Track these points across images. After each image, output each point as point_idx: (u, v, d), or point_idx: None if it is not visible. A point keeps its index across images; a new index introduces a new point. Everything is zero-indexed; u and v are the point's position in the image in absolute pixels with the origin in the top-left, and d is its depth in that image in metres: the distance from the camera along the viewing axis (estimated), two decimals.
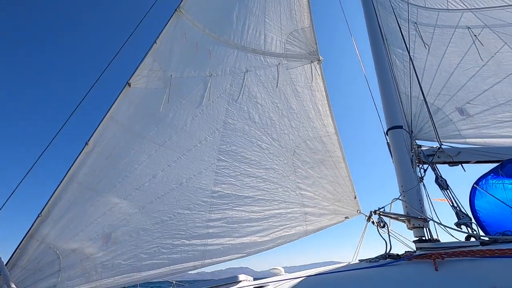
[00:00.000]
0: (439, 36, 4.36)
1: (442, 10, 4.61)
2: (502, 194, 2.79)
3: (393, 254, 1.98)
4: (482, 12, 4.56)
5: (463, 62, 4.14)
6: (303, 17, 5.22)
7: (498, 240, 2.02)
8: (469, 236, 2.41)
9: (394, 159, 2.92)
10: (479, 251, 1.50)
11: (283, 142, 4.38)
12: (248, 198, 3.85)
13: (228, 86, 4.34)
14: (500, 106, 3.81)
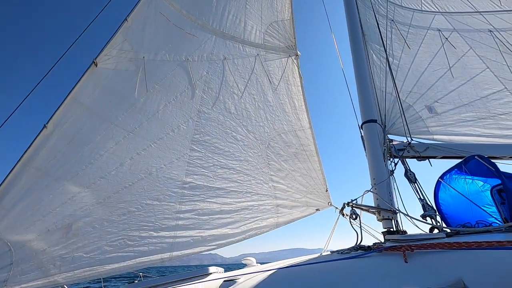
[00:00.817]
0: (413, 35, 4.51)
1: (416, 11, 4.77)
2: (464, 188, 2.94)
3: (364, 246, 2.01)
4: (452, 16, 4.78)
5: (433, 62, 4.32)
6: (284, 8, 5.15)
7: (460, 232, 2.11)
8: (433, 228, 2.52)
9: (367, 152, 2.98)
10: (446, 244, 1.55)
11: (258, 134, 4.33)
12: (221, 190, 3.77)
13: (204, 73, 4.18)
14: (464, 106, 4.03)
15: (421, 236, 1.90)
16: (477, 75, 4.35)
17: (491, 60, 4.48)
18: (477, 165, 2.64)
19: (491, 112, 4.02)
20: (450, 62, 4.35)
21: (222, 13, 4.48)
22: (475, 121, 3.87)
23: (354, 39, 3.64)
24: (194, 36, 4.20)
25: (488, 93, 4.21)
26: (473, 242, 1.48)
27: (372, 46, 3.93)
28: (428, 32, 4.61)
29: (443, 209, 3.12)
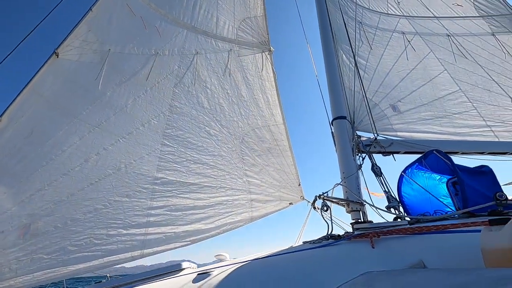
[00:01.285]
0: (379, 37, 4.74)
1: (383, 14, 5.01)
2: (423, 181, 3.18)
3: (335, 235, 2.10)
4: (415, 20, 5.09)
5: (397, 64, 4.58)
6: (257, 5, 5.16)
7: (420, 220, 2.29)
8: (397, 218, 2.70)
9: (337, 148, 3.10)
10: (409, 229, 1.69)
11: (232, 129, 4.32)
12: (194, 185, 3.71)
13: (176, 67, 4.07)
14: (423, 105, 4.33)
15: (387, 223, 2.03)
16: (436, 77, 4.69)
17: (448, 62, 4.84)
18: (435, 159, 2.86)
19: (447, 112, 4.36)
20: (412, 64, 4.64)
21: (193, 8, 4.38)
22: (433, 120, 4.17)
23: (325, 39, 3.76)
24: (164, 30, 4.06)
25: (445, 93, 4.55)
26: (432, 226, 1.62)
27: (342, 46, 4.08)
28: (393, 35, 4.88)
29: (405, 200, 3.34)
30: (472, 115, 4.45)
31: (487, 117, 4.41)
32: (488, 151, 3.58)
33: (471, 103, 4.52)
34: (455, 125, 4.33)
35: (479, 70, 4.73)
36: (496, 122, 4.39)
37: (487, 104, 4.47)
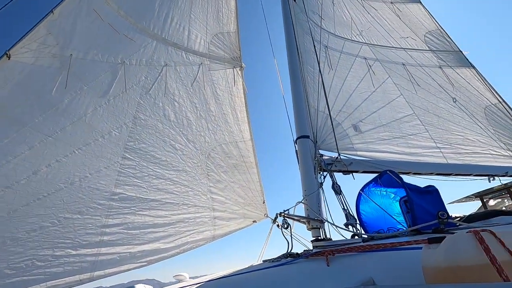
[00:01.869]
0: (343, 61, 5.04)
1: (347, 40, 5.37)
2: (379, 199, 3.35)
3: (293, 253, 2.12)
4: (375, 48, 5.51)
5: (359, 86, 4.88)
6: (230, 21, 5.27)
7: (374, 237, 2.39)
8: (354, 235, 2.79)
9: (300, 166, 3.18)
10: (361, 247, 1.76)
11: (199, 144, 4.25)
12: (155, 202, 3.56)
13: (142, 78, 3.97)
14: (382, 126, 4.62)
15: (342, 241, 2.10)
16: (393, 100, 5.06)
17: (404, 88, 5.26)
18: (389, 179, 3.05)
19: (403, 133, 4.69)
20: (373, 87, 4.98)
21: (164, 19, 4.36)
22: (391, 140, 4.46)
23: (292, 60, 3.92)
24: (132, 39, 3.97)
25: (401, 116, 4.92)
26: (382, 244, 1.71)
27: (307, 68, 4.28)
28: (356, 59, 5.22)
29: (363, 218, 3.48)
30: (425, 137, 4.83)
31: (437, 140, 4.81)
32: (436, 172, 3.88)
33: (424, 126, 4.92)
34: (410, 146, 4.67)
35: (430, 97, 5.20)
36: (445, 144, 4.80)
37: (437, 127, 4.89)
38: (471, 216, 3.48)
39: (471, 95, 5.58)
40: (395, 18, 6.56)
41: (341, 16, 5.94)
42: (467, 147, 4.84)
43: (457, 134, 4.95)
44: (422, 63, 5.67)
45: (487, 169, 4.48)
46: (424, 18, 6.73)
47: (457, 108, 5.25)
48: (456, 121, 5.07)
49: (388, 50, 5.60)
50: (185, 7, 4.65)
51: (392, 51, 5.62)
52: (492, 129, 5.22)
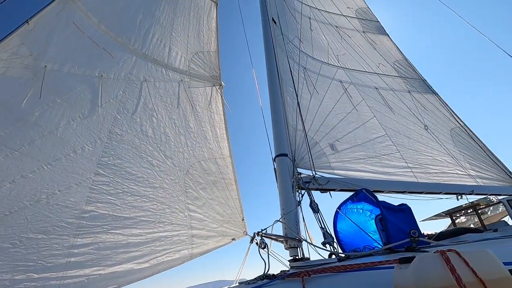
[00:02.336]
0: (321, 83, 5.26)
1: (324, 63, 5.63)
2: (355, 217, 3.42)
3: (270, 274, 2.10)
4: (350, 72, 5.82)
5: (336, 107, 5.09)
6: (210, 41, 5.37)
7: (350, 256, 2.42)
8: (331, 253, 2.81)
9: (278, 184, 3.20)
10: (336, 267, 1.78)
11: (177, 160, 4.18)
12: (129, 220, 3.42)
13: (120, 92, 3.90)
14: (357, 146, 4.80)
15: (318, 261, 2.11)
16: (367, 121, 5.30)
17: (377, 110, 5.54)
18: (364, 197, 3.14)
19: (377, 153, 4.89)
20: (348, 108, 5.20)
21: (145, 35, 4.37)
22: (366, 159, 4.64)
23: (271, 80, 4.03)
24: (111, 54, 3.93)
25: (375, 136, 5.14)
26: (356, 264, 1.74)
27: (287, 88, 4.42)
28: (333, 82, 5.47)
29: (340, 236, 3.53)
30: (397, 157, 5.06)
31: (408, 160, 5.05)
32: (408, 191, 4.05)
33: (396, 147, 5.16)
34: (383, 165, 4.86)
35: (401, 120, 5.50)
36: (415, 164, 5.05)
37: (407, 148, 5.16)
38: (442, 234, 3.63)
39: (438, 118, 5.98)
40: (368, 46, 7.01)
41: (319, 41, 6.26)
42: (436, 167, 5.12)
43: (426, 155, 5.23)
44: (393, 88, 6.04)
45: (455, 188, 4.75)
46: (392, 48, 7.25)
47: (425, 130, 5.59)
48: (425, 142, 5.38)
49: (362, 74, 5.93)
50: (166, 24, 4.70)
51: (365, 76, 5.95)
52: (457, 150, 5.58)
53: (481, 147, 5.71)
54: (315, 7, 7.21)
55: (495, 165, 5.58)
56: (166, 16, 4.72)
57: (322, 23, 6.90)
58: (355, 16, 7.84)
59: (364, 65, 6.06)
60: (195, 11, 5.17)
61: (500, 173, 5.51)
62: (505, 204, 3.74)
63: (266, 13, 4.89)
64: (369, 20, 8.00)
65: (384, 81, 5.93)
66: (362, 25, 7.70)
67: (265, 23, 4.81)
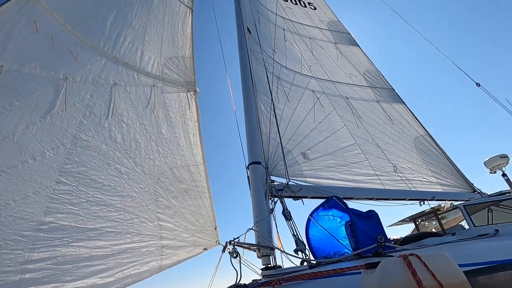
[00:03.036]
0: (294, 92, 5.39)
1: (297, 73, 5.78)
2: (327, 224, 3.49)
3: (241, 284, 2.07)
4: (322, 82, 6.02)
5: (308, 116, 5.22)
6: (185, 46, 5.31)
7: (321, 263, 2.46)
8: (303, 261, 2.84)
9: (251, 192, 3.20)
10: (307, 274, 1.80)
11: (147, 167, 4.04)
12: (93, 231, 3.23)
13: (87, 96, 3.72)
14: (328, 154, 4.94)
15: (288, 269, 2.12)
16: (338, 130, 5.49)
17: (347, 120, 5.76)
18: (335, 204, 3.22)
19: (346, 161, 5.07)
20: (320, 118, 5.36)
21: (116, 38, 4.23)
22: (336, 168, 4.78)
23: (246, 88, 4.06)
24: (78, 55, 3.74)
25: (345, 145, 5.33)
26: (326, 271, 1.77)
27: (261, 96, 4.47)
28: (305, 91, 5.62)
29: (312, 243, 3.58)
30: (365, 165, 5.27)
31: (375, 168, 5.28)
32: (376, 197, 4.23)
33: (364, 155, 5.38)
34: (353, 173, 5.04)
35: (369, 128, 5.77)
36: (382, 172, 5.29)
37: (375, 156, 5.40)
38: (406, 239, 3.81)
39: (404, 127, 6.33)
40: (340, 56, 7.31)
41: (292, 51, 6.43)
42: (401, 174, 5.40)
43: (393, 163, 5.51)
44: (362, 97, 6.34)
45: (418, 194, 5.03)
46: (363, 59, 7.63)
47: (392, 139, 5.90)
48: (391, 150, 5.67)
49: (333, 84, 6.16)
50: (139, 28, 4.59)
51: (337, 86, 6.19)
52: (420, 158, 5.94)
53: (442, 155, 6.12)
54: (289, 18, 7.42)
55: (454, 172, 6.00)
56: (139, 20, 4.61)
57: (296, 34, 7.11)
58: (327, 28, 8.17)
59: (336, 75, 6.31)
60: (169, 16, 5.10)
61: (458, 180, 5.93)
62: (462, 209, 4.02)
63: (242, 23, 4.95)
64: (340, 32, 8.37)
65: (355, 91, 6.21)
66: (334, 37, 8.04)
67: (240, 32, 4.86)
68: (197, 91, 5.20)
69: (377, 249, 2.24)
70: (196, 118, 5.10)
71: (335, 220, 3.60)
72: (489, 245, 2.78)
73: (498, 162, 5.65)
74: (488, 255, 2.26)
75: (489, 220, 4.12)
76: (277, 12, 7.01)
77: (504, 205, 4.19)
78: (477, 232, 3.66)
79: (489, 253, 2.33)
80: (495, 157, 5.68)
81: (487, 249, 2.60)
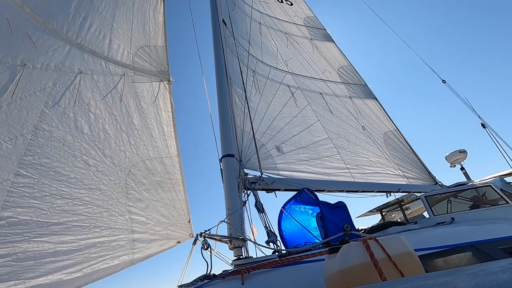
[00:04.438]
0: (269, 86, 5.41)
1: (273, 68, 5.80)
2: (298, 216, 3.59)
3: (210, 275, 2.09)
4: (297, 77, 6.10)
5: (283, 110, 5.28)
6: (157, 35, 5.14)
7: (291, 253, 2.54)
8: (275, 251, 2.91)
9: (224, 184, 3.21)
10: (274, 262, 1.85)
11: (117, 159, 3.90)
12: (58, 225, 3.09)
13: (50, 84, 3.50)
14: (302, 148, 5.05)
15: (257, 258, 2.18)
16: (311, 125, 5.61)
17: (321, 115, 5.90)
18: (306, 196, 3.32)
19: (319, 154, 5.21)
20: (294, 112, 5.44)
21: (81, 24, 3.99)
22: (309, 161, 4.90)
23: (220, 81, 4.02)
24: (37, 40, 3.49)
25: (318, 139, 5.47)
26: (292, 257, 1.84)
27: (236, 89, 4.45)
28: (281, 86, 5.67)
29: (284, 234, 3.67)
30: (337, 158, 5.45)
31: (347, 161, 5.48)
32: (346, 189, 4.40)
33: (336, 149, 5.56)
34: (325, 166, 5.19)
35: (342, 124, 5.95)
36: (353, 165, 5.50)
37: (347, 150, 5.59)
38: (372, 228, 4.02)
39: (374, 122, 6.60)
40: (315, 52, 7.42)
41: (268, 46, 6.43)
42: (370, 168, 5.65)
43: (363, 156, 5.74)
44: (336, 93, 6.50)
45: (385, 186, 5.30)
46: (338, 54, 7.80)
47: (363, 133, 6.13)
48: (362, 145, 5.90)
49: (308, 80, 6.27)
50: (106, 14, 4.36)
51: (311, 81, 6.30)
52: (388, 152, 6.23)
53: (409, 150, 6.47)
54: (266, 13, 7.40)
55: (419, 166, 6.37)
56: (106, 6, 4.37)
57: (272, 29, 7.11)
58: (303, 24, 8.24)
59: (310, 71, 6.41)
60: (139, 3, 4.89)
61: (422, 173, 6.30)
62: (423, 200, 4.30)
63: (217, 15, 4.86)
64: (316, 28, 8.48)
65: (329, 86, 6.35)
66: (310, 33, 8.13)
67: (215, 24, 4.78)
68: (171, 81, 5.06)
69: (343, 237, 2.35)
70: (170, 108, 4.98)
71: (307, 212, 3.71)
72: (444, 231, 3.02)
73: (457, 156, 6.09)
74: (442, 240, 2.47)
75: (448, 209, 4.45)
76: (253, 6, 6.95)
77: (461, 196, 4.54)
78: (436, 220, 3.95)
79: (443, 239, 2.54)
80: (455, 152, 6.11)
81: (441, 235, 2.83)
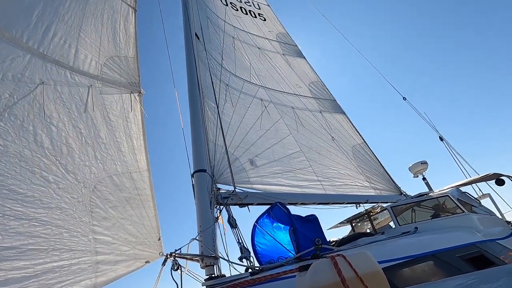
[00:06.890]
0: (242, 100, 5.46)
1: (246, 81, 5.88)
2: (272, 230, 3.58)
3: None
4: (270, 91, 6.22)
5: (256, 124, 5.33)
6: (128, 46, 5.01)
7: (264, 269, 2.51)
8: (248, 268, 2.86)
9: (196, 200, 3.13)
10: (246, 282, 1.83)
11: (81, 175, 3.68)
12: (10, 250, 2.82)
13: (6, 95, 3.26)
14: (275, 161, 5.11)
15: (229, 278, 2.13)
16: (284, 138, 5.71)
17: (292, 128, 6.04)
18: (279, 210, 3.33)
19: (292, 167, 5.29)
20: (267, 126, 5.52)
21: (44, 33, 3.79)
22: (282, 174, 4.96)
23: (192, 94, 3.99)
24: None
25: (291, 152, 5.57)
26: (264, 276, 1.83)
27: (208, 103, 4.44)
28: (254, 100, 5.75)
29: (258, 250, 3.63)
30: (309, 171, 5.57)
31: (318, 174, 5.61)
32: (317, 202, 4.49)
33: (308, 162, 5.68)
34: (298, 179, 5.28)
35: (313, 137, 6.12)
36: (324, 178, 5.64)
37: (318, 163, 5.74)
38: (343, 240, 4.11)
39: (343, 136, 6.86)
40: (287, 67, 7.66)
41: (242, 60, 6.54)
42: (340, 180, 5.83)
43: (333, 169, 5.92)
44: (307, 107, 6.71)
45: (355, 198, 5.48)
46: (308, 70, 8.11)
47: (333, 147, 6.34)
48: (332, 157, 6.09)
49: (281, 94, 6.42)
50: (72, 23, 4.19)
51: (284, 95, 6.46)
52: (357, 164, 6.48)
53: (376, 162, 6.78)
54: (239, 28, 7.54)
55: (385, 177, 6.68)
56: (73, 15, 4.21)
57: (246, 43, 7.25)
58: (275, 40, 8.50)
59: (283, 85, 6.58)
60: (109, 13, 4.77)
61: (388, 184, 6.62)
62: (389, 210, 4.50)
63: (189, 28, 4.86)
64: (288, 44, 8.78)
65: (301, 100, 6.55)
66: (282, 48, 8.39)
67: (188, 37, 4.77)
68: (142, 93, 4.92)
69: (315, 251, 2.38)
70: (141, 121, 4.82)
71: (279, 226, 3.72)
72: (408, 241, 3.17)
73: (419, 167, 6.49)
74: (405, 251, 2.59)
75: (412, 219, 4.68)
76: (226, 20, 7.07)
77: (423, 205, 4.81)
78: (401, 230, 4.13)
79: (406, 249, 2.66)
80: (417, 163, 6.51)
81: (405, 245, 2.96)
